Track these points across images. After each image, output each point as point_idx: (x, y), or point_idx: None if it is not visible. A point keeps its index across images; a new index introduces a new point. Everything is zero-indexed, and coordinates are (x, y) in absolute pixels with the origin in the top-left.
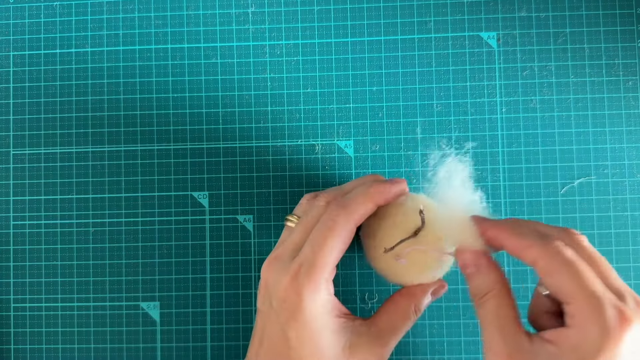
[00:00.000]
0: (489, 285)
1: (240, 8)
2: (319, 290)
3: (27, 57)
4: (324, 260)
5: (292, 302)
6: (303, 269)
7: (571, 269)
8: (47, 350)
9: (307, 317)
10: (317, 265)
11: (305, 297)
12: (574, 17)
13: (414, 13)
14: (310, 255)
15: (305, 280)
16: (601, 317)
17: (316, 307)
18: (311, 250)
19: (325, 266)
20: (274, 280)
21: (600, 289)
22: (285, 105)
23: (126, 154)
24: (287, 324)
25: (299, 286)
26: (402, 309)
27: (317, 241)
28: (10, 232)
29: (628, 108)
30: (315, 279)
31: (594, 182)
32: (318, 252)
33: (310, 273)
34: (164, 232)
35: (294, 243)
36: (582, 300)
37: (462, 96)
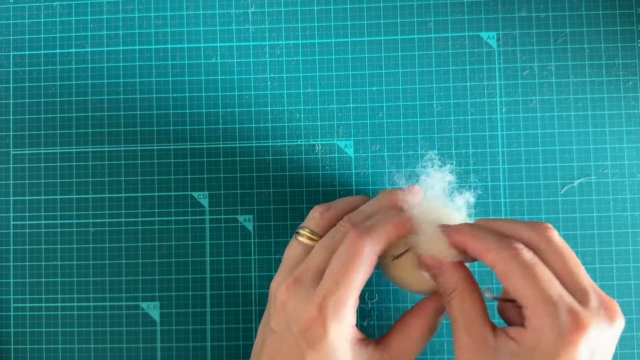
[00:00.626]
0: (453, 284)
1: (240, 8)
2: (345, 324)
3: (27, 57)
4: (348, 294)
5: (316, 333)
6: (329, 301)
7: (527, 273)
8: (47, 350)
9: (330, 349)
10: (342, 299)
11: (331, 329)
12: (574, 17)
13: (414, 13)
14: (334, 287)
15: (331, 314)
16: (555, 323)
17: (340, 339)
18: (335, 283)
19: (350, 299)
20: (296, 307)
21: (556, 293)
22: (285, 105)
23: (126, 154)
24: (307, 352)
25: (325, 319)
26: (416, 333)
27: (340, 273)
28: (10, 232)
29: (628, 108)
30: (342, 312)
31: (594, 182)
32: (342, 285)
33: (337, 307)
34: (164, 232)
35: (316, 266)
36: (537, 305)
37: (462, 96)
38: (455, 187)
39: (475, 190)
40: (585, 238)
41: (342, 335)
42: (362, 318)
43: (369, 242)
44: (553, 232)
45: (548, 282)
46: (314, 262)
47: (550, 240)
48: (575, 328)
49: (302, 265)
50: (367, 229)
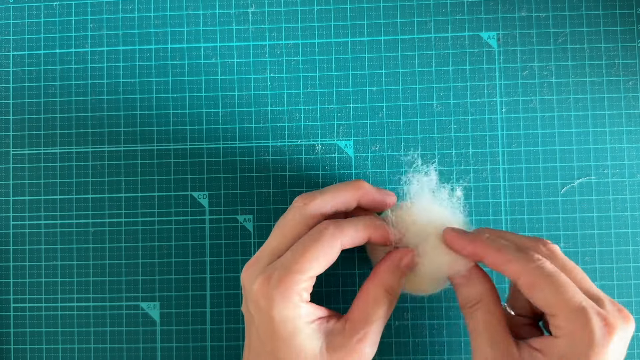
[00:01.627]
0: (477, 296)
1: (240, 8)
2: (291, 296)
3: (27, 57)
4: (300, 268)
5: (264, 306)
6: (276, 273)
7: (554, 283)
8: (47, 350)
9: (278, 323)
10: (291, 271)
11: (276, 301)
12: (574, 17)
13: (414, 13)
14: (289, 260)
15: (275, 284)
16: (588, 328)
17: (287, 312)
18: (292, 256)
19: (300, 274)
20: (249, 284)
21: (583, 299)
22: (285, 105)
23: (126, 154)
24: (261, 328)
25: (269, 290)
26: (373, 296)
27: (300, 248)
28: (10, 232)
29: (628, 108)
30: (288, 284)
31: (594, 182)
32: (298, 259)
33: (282, 278)
34: (164, 232)
35: (270, 247)
36: (568, 313)
37: (462, 96)
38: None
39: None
40: (585, 238)
41: (289, 310)
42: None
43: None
44: (555, 247)
45: (574, 290)
46: (269, 242)
47: (555, 253)
48: (607, 331)
49: (262, 247)
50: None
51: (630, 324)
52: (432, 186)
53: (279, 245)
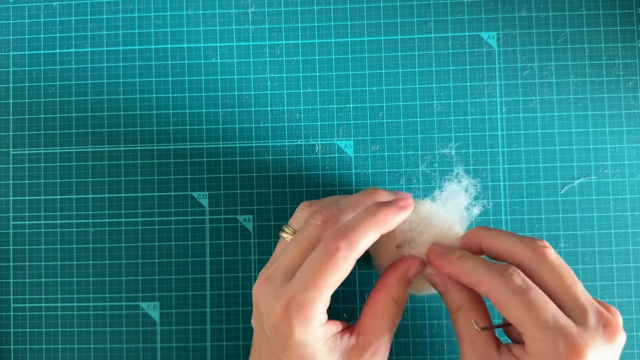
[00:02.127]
0: (458, 302)
1: (240, 8)
2: (311, 322)
3: (27, 57)
4: (316, 296)
5: (283, 331)
6: (294, 302)
7: (520, 300)
8: (47, 350)
9: (298, 346)
10: (308, 301)
11: (296, 328)
12: (574, 17)
13: (414, 13)
14: (302, 287)
15: (296, 313)
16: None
17: (307, 336)
18: (304, 284)
19: (318, 302)
20: (266, 304)
21: (551, 318)
22: (285, 105)
23: (126, 154)
24: (278, 350)
25: (290, 318)
26: (382, 307)
27: (311, 275)
28: (10, 232)
29: (628, 108)
30: (308, 312)
31: (594, 182)
32: (311, 287)
33: (303, 306)
34: (164, 232)
35: (286, 263)
36: (534, 332)
37: (462, 96)
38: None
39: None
40: (585, 238)
41: (310, 334)
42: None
43: (344, 245)
44: (548, 250)
45: (542, 308)
46: (284, 259)
47: (544, 257)
48: (572, 352)
49: (275, 263)
50: (344, 230)
51: (615, 340)
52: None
53: (295, 262)
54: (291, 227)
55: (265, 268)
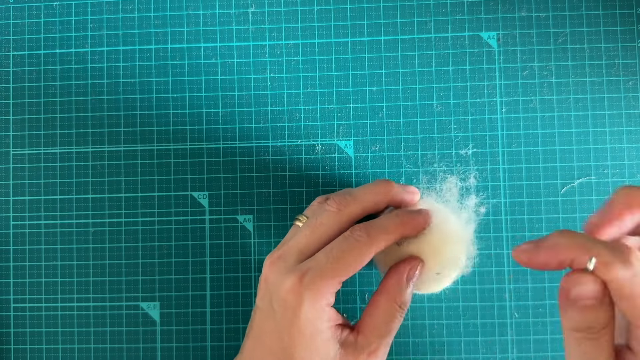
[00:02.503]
0: (606, 321)
1: (240, 8)
2: (320, 299)
3: (27, 57)
4: (335, 273)
5: (291, 304)
6: (310, 273)
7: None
8: (47, 350)
9: (303, 321)
10: (326, 275)
11: (305, 301)
12: (574, 17)
13: (414, 13)
14: (323, 263)
15: (309, 285)
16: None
17: (314, 313)
18: (326, 259)
19: (334, 278)
20: (276, 279)
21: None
22: (285, 105)
23: (126, 154)
24: (283, 324)
25: (302, 290)
26: (384, 310)
27: (335, 253)
28: (10, 232)
29: (628, 108)
30: (320, 287)
31: (594, 182)
32: (333, 264)
33: (317, 280)
34: (164, 232)
35: (299, 244)
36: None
37: (462, 96)
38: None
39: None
40: None
41: (316, 311)
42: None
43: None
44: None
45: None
46: (298, 240)
47: None
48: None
49: (288, 243)
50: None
51: None
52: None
53: (308, 245)
54: (305, 216)
55: (275, 250)
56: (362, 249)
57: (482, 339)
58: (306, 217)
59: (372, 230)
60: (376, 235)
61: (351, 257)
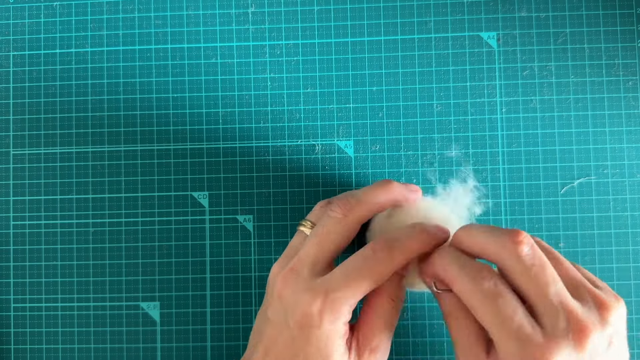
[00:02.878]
0: (453, 307)
1: (240, 8)
2: (340, 318)
3: (27, 57)
4: (353, 296)
5: (309, 323)
6: (330, 298)
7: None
8: (47, 350)
9: (322, 342)
10: (346, 295)
11: (325, 323)
12: (574, 17)
13: (414, 13)
14: (343, 283)
15: (329, 306)
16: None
17: (332, 332)
18: (345, 280)
19: (354, 298)
20: (292, 297)
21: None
22: (285, 105)
23: (126, 154)
24: (299, 342)
25: (322, 313)
26: (377, 305)
27: (355, 275)
28: (10, 232)
29: (628, 108)
30: (339, 308)
31: (594, 182)
32: (352, 287)
33: (336, 302)
34: (164, 232)
35: (309, 256)
36: (501, 340)
37: (462, 96)
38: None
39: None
40: (585, 238)
41: (336, 330)
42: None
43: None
44: (521, 247)
45: (509, 317)
46: (308, 251)
47: (518, 257)
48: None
49: (298, 255)
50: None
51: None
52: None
53: (318, 256)
54: (309, 221)
55: (284, 259)
56: (383, 271)
57: None
58: (310, 222)
59: (395, 252)
60: (399, 257)
61: (372, 278)
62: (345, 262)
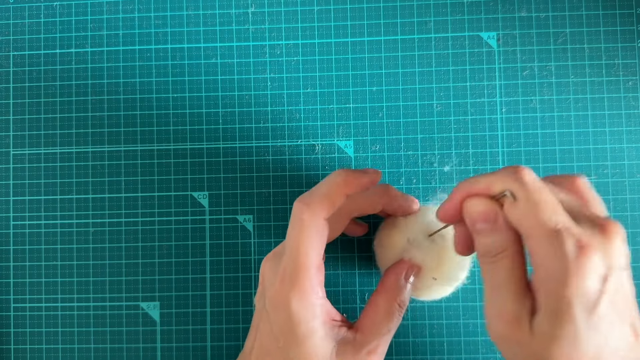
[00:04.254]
0: (503, 244)
1: (240, 8)
2: (306, 295)
3: (27, 57)
4: (300, 264)
5: (281, 306)
6: (287, 272)
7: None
8: (47, 350)
9: (295, 322)
10: (297, 269)
11: (293, 302)
12: (574, 17)
13: (414, 13)
14: (288, 258)
15: (290, 285)
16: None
17: (303, 312)
18: (288, 254)
19: (305, 269)
20: (268, 280)
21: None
22: (285, 105)
23: (126, 154)
24: (276, 326)
25: (286, 291)
26: (383, 309)
27: (290, 244)
28: (10, 232)
29: (628, 108)
30: (300, 283)
31: (594, 182)
32: (295, 256)
33: (294, 278)
34: (164, 232)
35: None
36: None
37: (462, 96)
38: None
39: None
40: None
41: (307, 309)
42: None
43: (307, 210)
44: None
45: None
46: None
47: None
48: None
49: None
50: (306, 199)
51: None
52: None
53: None
54: None
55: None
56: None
57: (482, 339)
58: None
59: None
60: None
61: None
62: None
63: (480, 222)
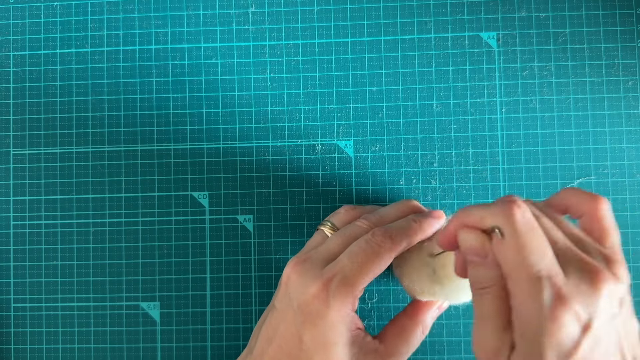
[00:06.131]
0: (491, 279)
1: (240, 8)
2: (346, 304)
3: (27, 57)
4: (361, 278)
5: (317, 308)
6: (337, 278)
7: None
8: (47, 350)
9: (328, 327)
10: (353, 280)
11: (332, 307)
12: (574, 17)
13: (414, 13)
14: (348, 268)
15: (336, 291)
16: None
17: (338, 319)
18: (350, 264)
19: (359, 284)
20: (300, 282)
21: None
22: (285, 105)
23: (126, 154)
24: (304, 326)
25: (329, 295)
26: (409, 333)
27: (358, 258)
28: (10, 232)
29: (628, 108)
30: (347, 292)
31: (594, 182)
32: (358, 269)
33: (344, 286)
34: (164, 232)
35: (328, 251)
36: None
37: (462, 96)
38: None
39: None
40: None
41: (342, 317)
42: (362, 318)
43: (389, 243)
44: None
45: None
46: (326, 247)
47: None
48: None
49: (314, 249)
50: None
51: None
52: None
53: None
54: (329, 222)
55: (302, 253)
56: (384, 254)
57: None
58: (330, 223)
59: (395, 236)
60: (399, 241)
61: (375, 262)
62: (349, 250)
63: (470, 254)
